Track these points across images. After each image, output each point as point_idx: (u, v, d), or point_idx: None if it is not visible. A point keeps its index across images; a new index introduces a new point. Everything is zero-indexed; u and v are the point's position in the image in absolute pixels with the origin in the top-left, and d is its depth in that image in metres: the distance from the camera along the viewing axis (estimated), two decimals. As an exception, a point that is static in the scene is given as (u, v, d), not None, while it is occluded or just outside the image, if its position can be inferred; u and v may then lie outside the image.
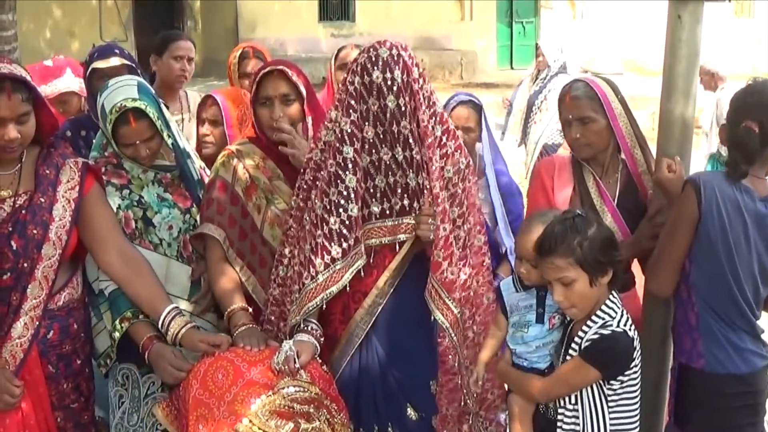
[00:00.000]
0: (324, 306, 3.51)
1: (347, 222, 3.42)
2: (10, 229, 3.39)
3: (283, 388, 3.23)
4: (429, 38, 26.73)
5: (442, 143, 3.50)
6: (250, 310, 3.65)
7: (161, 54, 5.41)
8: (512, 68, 28.36)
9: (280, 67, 3.82)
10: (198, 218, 3.85)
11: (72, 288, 3.60)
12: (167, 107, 4.08)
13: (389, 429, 3.56)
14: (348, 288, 3.48)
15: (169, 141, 3.79)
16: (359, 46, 4.89)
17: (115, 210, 3.71)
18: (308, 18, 25.51)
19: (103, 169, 3.76)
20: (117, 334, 3.62)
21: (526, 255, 3.34)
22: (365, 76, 3.39)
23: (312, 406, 3.24)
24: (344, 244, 3.42)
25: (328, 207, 3.43)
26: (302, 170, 3.59)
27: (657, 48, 4.46)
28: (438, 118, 3.50)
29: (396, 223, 3.51)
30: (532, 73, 9.53)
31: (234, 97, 4.65)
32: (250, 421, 3.11)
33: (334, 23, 26.12)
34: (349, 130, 3.40)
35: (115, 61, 4.67)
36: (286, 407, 3.18)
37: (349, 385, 3.57)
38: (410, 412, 3.58)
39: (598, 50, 27.33)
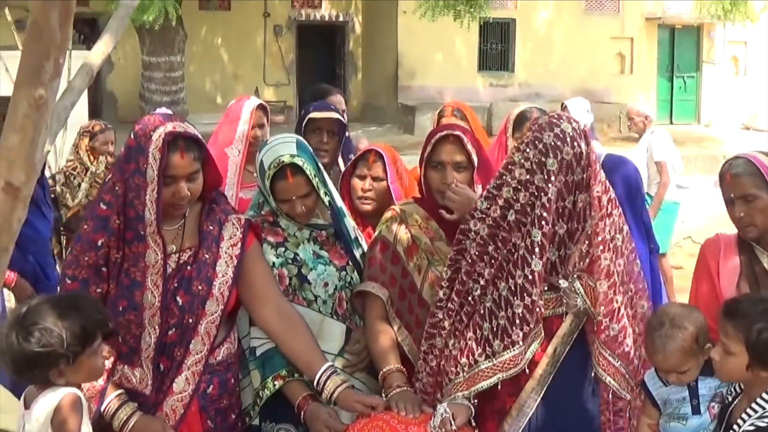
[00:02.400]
0: None
1: (530, 306, 3.35)
2: (176, 284, 3.45)
3: None
4: (588, 91, 26.40)
5: (609, 212, 3.42)
6: (405, 372, 3.61)
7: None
8: (672, 123, 27.80)
9: (457, 132, 3.80)
10: (354, 276, 3.85)
11: (230, 343, 3.63)
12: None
13: None
14: None
15: (326, 199, 3.81)
16: (542, 110, 4.86)
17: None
18: (467, 67, 25.63)
19: (259, 227, 3.80)
20: (267, 392, 3.62)
21: (674, 369, 3.26)
22: (558, 155, 3.34)
23: None
24: (525, 328, 3.35)
25: (513, 289, 3.37)
26: (457, 240, 3.54)
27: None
28: (604, 187, 3.43)
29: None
30: None
31: (391, 152, 4.65)
32: None
33: (493, 73, 26.16)
34: (539, 213, 3.34)
35: (331, 114, 4.89)
36: None
37: None
38: None
39: (761, 107, 26.64)
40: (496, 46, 26.26)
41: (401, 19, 24.53)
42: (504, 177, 3.42)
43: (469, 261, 3.46)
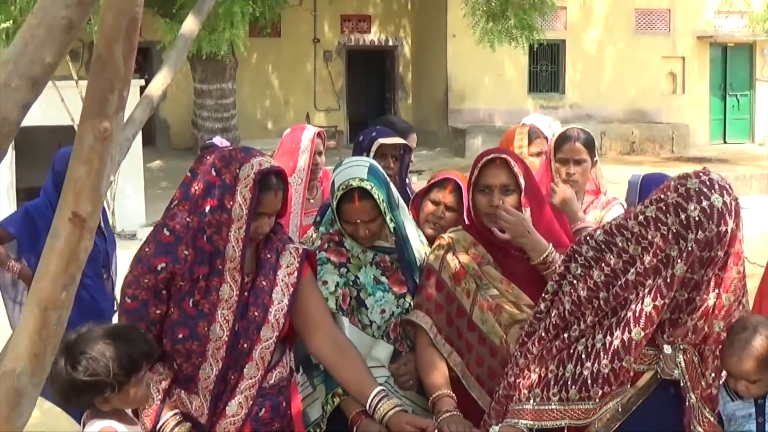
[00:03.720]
0: None
1: (617, 371, 3.22)
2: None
3: None
4: (639, 111, 26.36)
5: (735, 280, 3.24)
6: (455, 397, 3.64)
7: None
8: (725, 142, 27.58)
9: (503, 156, 3.83)
10: (411, 304, 3.88)
11: (282, 367, 3.67)
12: None
13: None
14: None
15: (391, 225, 3.84)
16: (583, 130, 4.85)
17: (333, 287, 3.81)
18: (517, 90, 25.62)
19: (325, 246, 3.87)
20: (329, 408, 3.72)
21: (746, 376, 3.22)
22: (700, 232, 3.05)
23: None
24: (606, 389, 3.24)
25: (607, 347, 3.23)
26: (567, 258, 3.41)
27: None
28: (734, 259, 3.20)
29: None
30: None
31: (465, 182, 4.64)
32: None
33: (543, 95, 26.12)
34: (660, 285, 3.13)
35: (398, 140, 5.04)
36: None
37: None
38: None
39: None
40: (546, 68, 26.24)
41: (451, 43, 24.62)
42: (633, 227, 3.20)
43: (576, 301, 3.32)
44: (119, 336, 3.15)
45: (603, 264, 3.25)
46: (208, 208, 3.41)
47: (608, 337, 3.22)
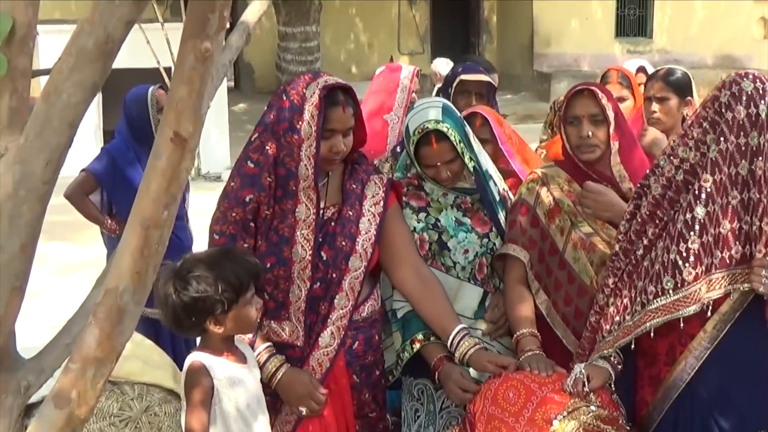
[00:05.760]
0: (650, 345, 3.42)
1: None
2: (321, 240, 3.52)
3: (579, 407, 3.19)
4: (729, 57, 25.75)
5: None
6: (539, 336, 3.63)
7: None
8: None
9: (591, 87, 3.79)
10: (496, 242, 3.86)
11: (374, 300, 3.70)
12: None
13: None
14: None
15: (470, 164, 3.81)
16: (671, 67, 4.77)
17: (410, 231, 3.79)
18: (604, 34, 25.19)
19: (404, 190, 3.85)
20: (407, 355, 3.70)
21: None
22: (730, 114, 3.17)
23: (613, 427, 3.19)
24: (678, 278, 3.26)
25: (668, 257, 3.27)
26: (636, 194, 3.47)
27: None
28: None
29: (739, 271, 3.23)
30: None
31: (494, 114, 4.60)
32: None
33: (630, 39, 25.64)
34: (708, 189, 3.21)
35: (482, 77, 4.97)
36: (592, 425, 3.14)
37: (665, 429, 3.44)
38: None
39: None
40: (634, 12, 25.72)
41: (537, -15, 24.28)
42: (684, 135, 3.32)
43: (639, 220, 3.40)
44: (225, 256, 3.19)
45: (661, 177, 3.33)
46: (281, 132, 3.44)
47: (668, 241, 3.27)
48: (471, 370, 3.62)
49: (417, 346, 3.68)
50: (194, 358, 3.19)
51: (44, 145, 1.87)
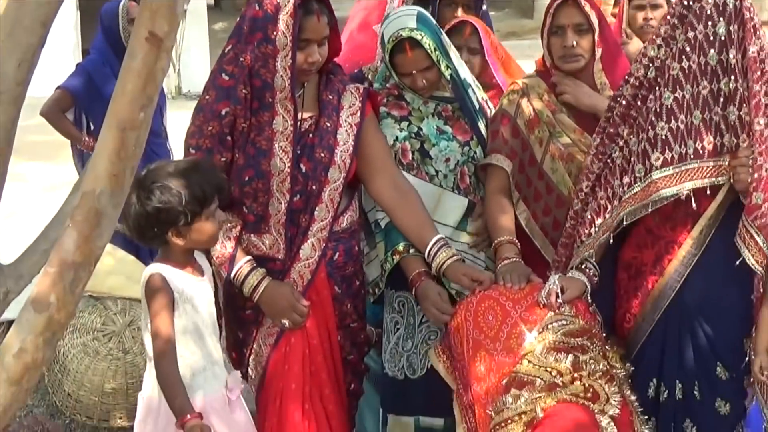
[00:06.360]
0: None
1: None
2: (299, 152, 3.50)
3: (550, 323, 3.21)
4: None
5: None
6: (518, 244, 3.63)
7: None
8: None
9: None
10: (477, 150, 3.84)
11: (352, 210, 3.69)
12: None
13: (695, 387, 3.43)
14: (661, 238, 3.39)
15: (447, 73, 3.77)
16: None
17: (391, 142, 3.76)
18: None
19: (384, 100, 3.81)
20: (388, 266, 3.70)
21: None
22: (696, 4, 3.23)
23: (585, 337, 3.20)
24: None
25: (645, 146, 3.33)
26: (609, 107, 3.50)
27: None
28: (766, 53, 3.27)
29: (713, 164, 3.30)
30: None
31: (482, 24, 4.54)
32: (529, 361, 3.10)
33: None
34: (675, 76, 3.27)
35: None
36: (561, 342, 3.15)
37: (655, 339, 3.48)
38: (720, 370, 3.43)
39: None
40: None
41: None
42: (655, 35, 3.36)
43: (612, 123, 3.44)
44: (190, 168, 3.17)
45: (632, 77, 3.38)
46: (254, 43, 3.39)
47: (642, 134, 3.34)
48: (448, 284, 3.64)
49: (397, 257, 3.68)
50: (153, 269, 3.18)
51: (16, 45, 1.84)
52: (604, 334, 3.38)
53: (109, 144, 1.81)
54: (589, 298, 3.43)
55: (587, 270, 3.47)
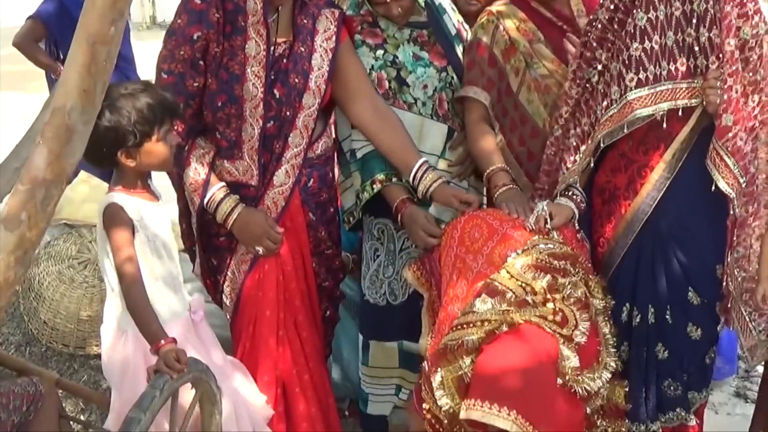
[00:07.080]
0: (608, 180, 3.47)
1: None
2: (273, 77, 3.46)
3: (537, 245, 3.20)
4: None
5: (742, 2, 3.24)
6: (509, 170, 3.61)
7: None
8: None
9: None
10: (454, 76, 3.80)
11: (327, 137, 3.68)
12: None
13: (667, 312, 3.46)
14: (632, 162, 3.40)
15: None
16: None
17: (367, 70, 3.71)
18: None
19: (358, 28, 3.76)
20: (366, 195, 3.68)
21: None
22: None
23: (568, 262, 3.18)
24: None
25: (627, 63, 3.31)
26: (584, 32, 3.47)
27: None
28: None
29: (686, 86, 3.29)
30: None
31: None
32: (507, 272, 3.11)
33: None
34: None
35: None
36: (544, 261, 3.14)
37: (628, 264, 3.51)
38: (692, 296, 3.45)
39: None
40: None
41: None
42: None
43: (588, 47, 3.41)
44: (143, 89, 3.12)
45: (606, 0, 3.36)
46: None
47: (623, 55, 3.31)
48: (432, 208, 3.63)
49: (378, 186, 3.66)
50: (108, 199, 3.15)
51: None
52: (590, 264, 3.39)
53: (79, 59, 1.79)
54: (576, 224, 3.45)
55: (574, 196, 3.48)
